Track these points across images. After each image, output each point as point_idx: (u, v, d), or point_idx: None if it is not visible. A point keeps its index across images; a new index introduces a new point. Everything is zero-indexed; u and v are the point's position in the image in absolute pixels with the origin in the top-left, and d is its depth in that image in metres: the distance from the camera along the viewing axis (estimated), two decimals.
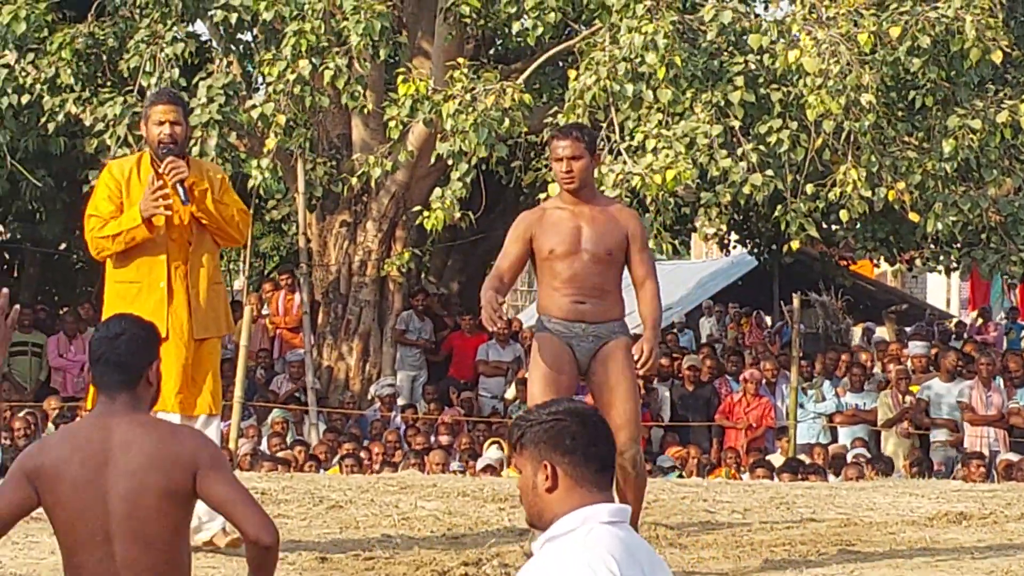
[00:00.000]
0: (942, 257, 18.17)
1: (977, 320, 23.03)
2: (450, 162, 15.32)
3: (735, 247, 24.38)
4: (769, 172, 14.94)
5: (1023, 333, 21.58)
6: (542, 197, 14.16)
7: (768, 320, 23.58)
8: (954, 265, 18.14)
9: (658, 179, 14.45)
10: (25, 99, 16.06)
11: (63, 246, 21.78)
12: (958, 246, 17.15)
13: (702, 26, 15.18)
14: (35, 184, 17.64)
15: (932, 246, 17.92)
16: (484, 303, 7.19)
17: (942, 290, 34.04)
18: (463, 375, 17.93)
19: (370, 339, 17.92)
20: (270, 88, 15.61)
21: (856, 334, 22.23)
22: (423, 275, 20.00)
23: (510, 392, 17.14)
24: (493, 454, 14.85)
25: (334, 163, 17.41)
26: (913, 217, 15.63)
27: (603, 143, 14.96)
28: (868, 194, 15.06)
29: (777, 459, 15.31)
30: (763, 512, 9.51)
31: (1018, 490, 10.95)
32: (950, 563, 7.82)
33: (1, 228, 22.56)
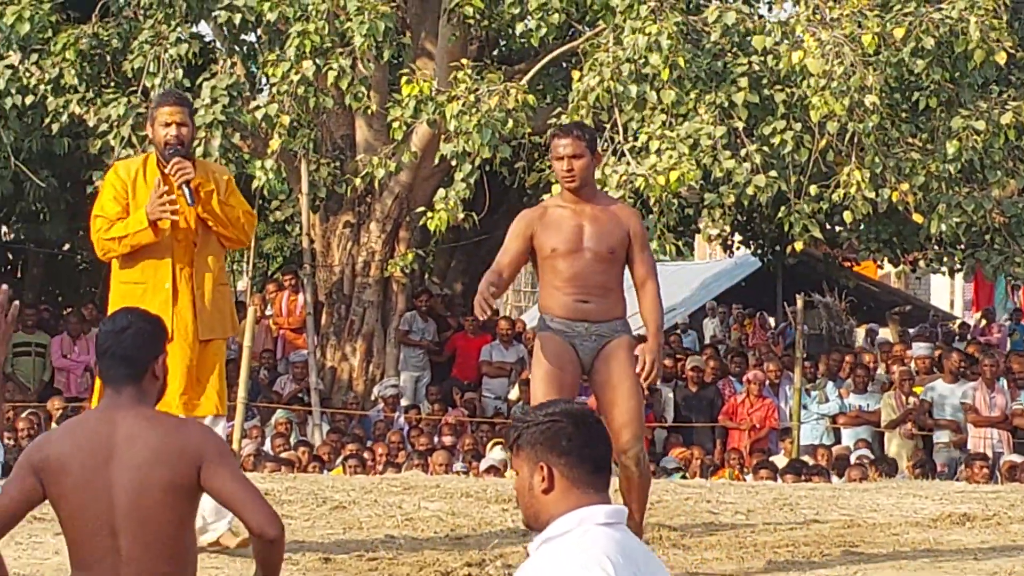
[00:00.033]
0: (946, 258, 18.18)
1: (981, 321, 23.01)
2: (454, 163, 15.32)
3: (739, 248, 24.37)
4: (773, 173, 14.93)
5: None
6: (545, 198, 14.14)
7: (772, 321, 23.59)
8: (958, 266, 18.15)
9: (662, 180, 14.45)
10: (29, 100, 16.05)
11: (67, 247, 21.79)
12: (962, 247, 17.16)
13: (706, 27, 15.17)
14: (39, 185, 17.64)
15: (936, 247, 17.94)
16: (478, 291, 7.15)
17: (946, 291, 34.03)
18: (466, 376, 17.92)
19: (373, 340, 17.92)
20: (274, 89, 15.61)
21: (860, 335, 22.24)
22: (427, 276, 19.99)
23: (513, 393, 17.13)
24: (496, 455, 14.85)
25: (338, 164, 17.41)
26: (917, 218, 15.62)
27: (607, 144, 14.96)
28: (872, 195, 15.05)
29: (780, 460, 15.30)
30: (766, 513, 9.51)
31: (1022, 491, 10.95)
32: (953, 564, 7.82)
33: (5, 229, 22.57)
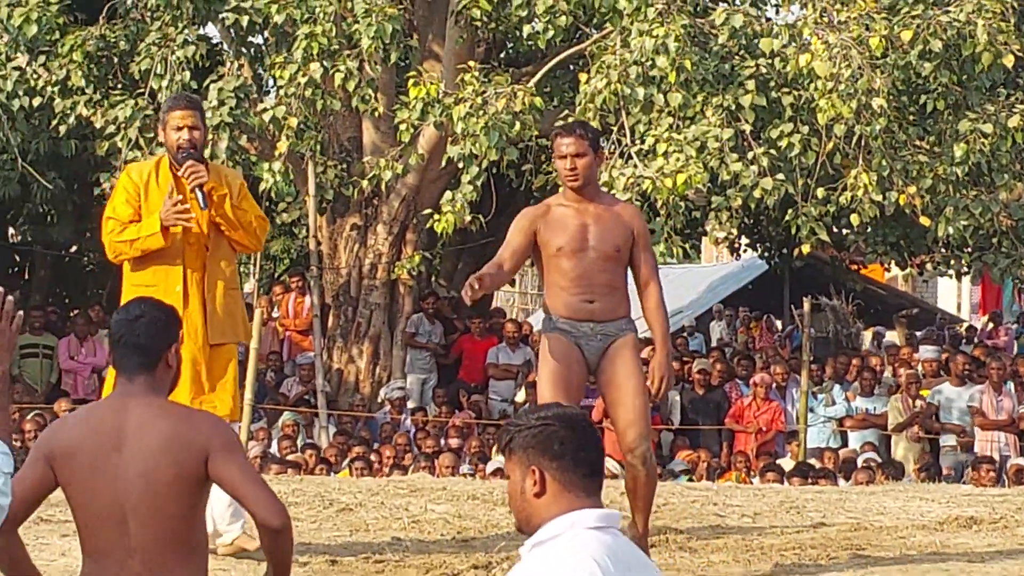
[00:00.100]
0: (953, 261, 18.16)
1: (988, 324, 23.01)
2: (460, 165, 15.31)
3: (745, 251, 24.35)
4: (780, 176, 14.92)
5: None
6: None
7: (778, 324, 23.59)
8: (965, 269, 18.13)
9: (669, 183, 14.44)
10: (36, 101, 16.07)
11: (74, 248, 21.80)
12: (969, 250, 17.14)
13: (713, 30, 15.17)
14: (46, 186, 17.65)
15: (943, 250, 17.91)
16: (472, 277, 7.05)
17: (953, 294, 34.00)
18: (473, 378, 17.93)
19: (380, 342, 17.92)
20: (281, 91, 15.61)
21: (866, 338, 22.22)
22: (433, 278, 19.98)
23: (520, 395, 17.13)
24: (503, 457, 14.84)
25: (345, 166, 17.42)
26: (924, 221, 15.61)
27: (614, 147, 14.96)
28: (879, 198, 15.04)
29: (787, 463, 15.29)
30: (773, 516, 9.50)
31: None
32: (960, 568, 7.81)
33: (12, 230, 22.59)
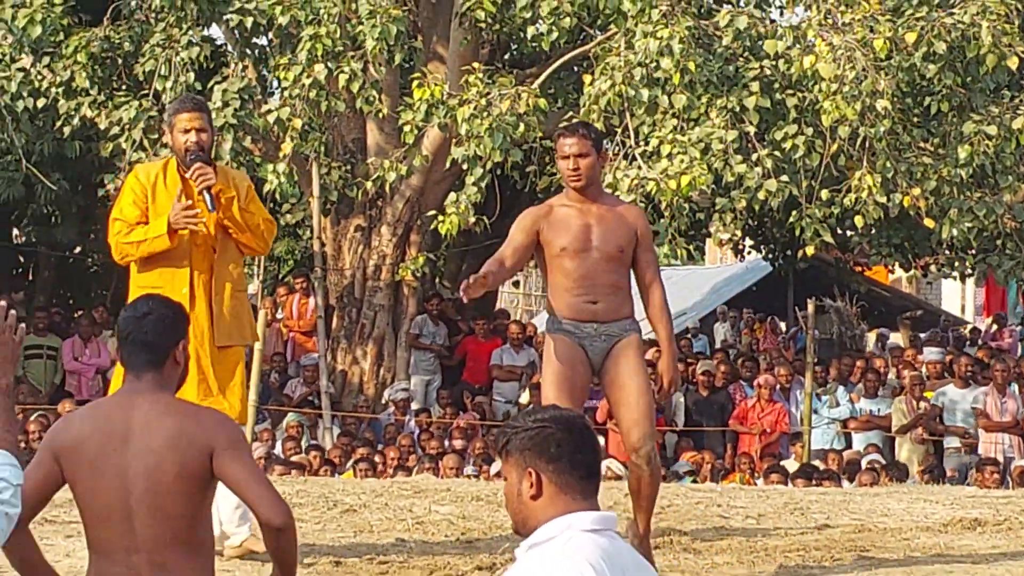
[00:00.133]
0: (957, 263, 18.17)
1: (992, 326, 23.00)
2: (465, 167, 15.31)
3: (750, 252, 24.37)
4: (784, 178, 14.92)
5: None
6: None
7: (782, 326, 23.58)
8: (969, 271, 18.13)
9: (673, 184, 14.44)
10: (41, 103, 16.06)
11: (78, 250, 21.80)
12: (973, 252, 17.14)
13: (717, 31, 15.17)
14: (50, 188, 17.65)
15: (947, 252, 17.92)
16: (473, 276, 7.03)
17: (957, 296, 33.98)
18: (477, 379, 17.93)
19: (384, 343, 17.92)
20: (285, 92, 15.62)
21: (871, 340, 22.23)
22: (437, 280, 19.99)
23: (524, 396, 17.13)
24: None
25: (349, 167, 17.41)
26: (928, 223, 15.61)
27: (618, 148, 14.96)
28: (883, 200, 15.03)
29: (791, 465, 15.29)
30: (777, 518, 9.50)
31: None
32: (964, 569, 7.82)
33: (16, 232, 22.60)
